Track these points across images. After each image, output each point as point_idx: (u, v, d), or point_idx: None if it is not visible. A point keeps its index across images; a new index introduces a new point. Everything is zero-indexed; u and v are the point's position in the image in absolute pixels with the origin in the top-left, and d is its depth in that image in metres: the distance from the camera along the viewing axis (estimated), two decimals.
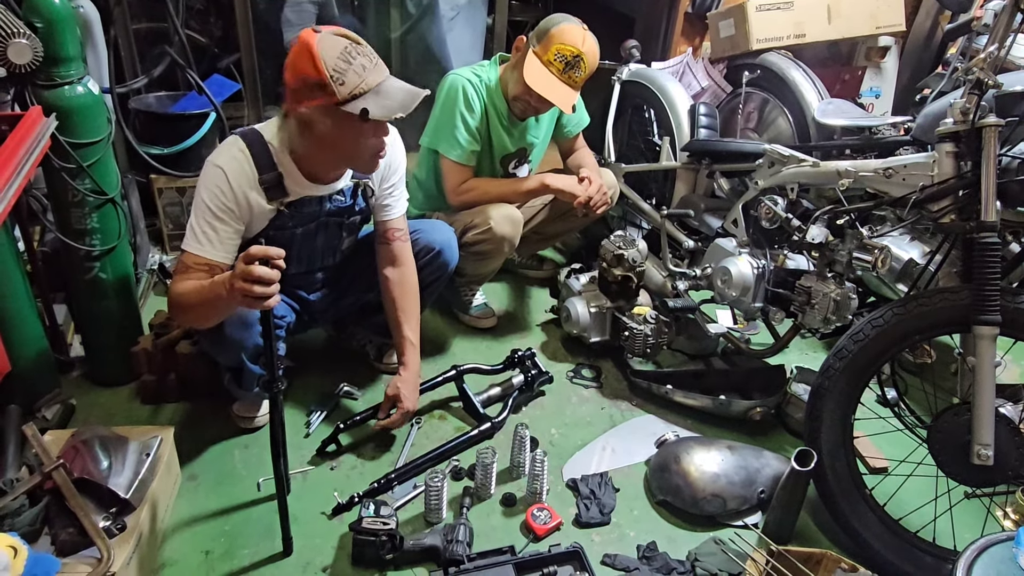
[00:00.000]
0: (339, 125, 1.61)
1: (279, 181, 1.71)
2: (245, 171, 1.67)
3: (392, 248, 1.99)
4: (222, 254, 1.67)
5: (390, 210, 1.97)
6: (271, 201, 1.71)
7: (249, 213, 1.70)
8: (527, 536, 1.79)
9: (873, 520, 1.74)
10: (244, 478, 1.88)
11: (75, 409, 2.03)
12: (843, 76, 3.35)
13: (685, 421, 2.22)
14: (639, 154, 3.05)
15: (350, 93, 1.55)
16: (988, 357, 1.54)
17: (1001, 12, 1.61)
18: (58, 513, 1.50)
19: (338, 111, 1.57)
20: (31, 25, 1.68)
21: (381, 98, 1.58)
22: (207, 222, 1.65)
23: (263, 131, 1.72)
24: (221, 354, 1.85)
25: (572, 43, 2.19)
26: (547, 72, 2.22)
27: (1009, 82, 1.75)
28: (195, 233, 1.66)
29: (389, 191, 1.95)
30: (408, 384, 1.99)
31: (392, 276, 2.00)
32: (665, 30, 3.41)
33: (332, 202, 1.84)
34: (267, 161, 1.69)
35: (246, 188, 1.67)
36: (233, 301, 1.44)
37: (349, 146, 1.67)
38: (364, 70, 1.57)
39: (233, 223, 1.67)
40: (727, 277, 2.19)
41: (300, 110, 1.60)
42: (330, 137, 1.64)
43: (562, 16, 2.25)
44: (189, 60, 2.61)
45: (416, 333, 2.04)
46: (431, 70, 3.34)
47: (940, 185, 1.70)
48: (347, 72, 1.54)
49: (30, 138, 1.61)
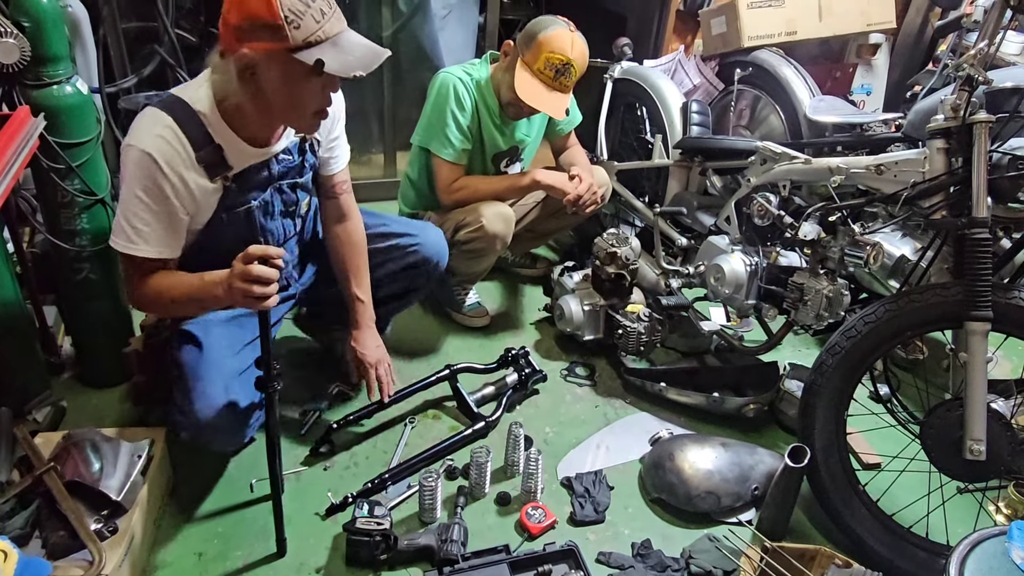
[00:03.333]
0: (286, 75, 1.42)
1: (219, 155, 1.52)
2: (178, 151, 1.47)
3: (339, 202, 1.89)
4: (163, 249, 1.52)
5: (335, 163, 1.84)
6: (213, 179, 1.53)
7: (191, 199, 1.52)
8: (522, 535, 1.79)
9: (867, 516, 1.75)
10: (237, 479, 1.87)
11: (66, 411, 2.01)
12: (834, 73, 3.36)
13: (679, 418, 2.22)
14: (631, 152, 3.05)
15: (304, 40, 1.37)
16: (980, 353, 1.55)
17: (991, 8, 1.62)
18: (49, 516, 1.49)
19: (288, 59, 1.38)
20: (18, 24, 1.66)
21: (339, 51, 1.41)
22: (139, 216, 1.47)
23: (187, 99, 1.50)
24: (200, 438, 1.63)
25: (561, 51, 2.18)
26: (537, 83, 2.21)
27: (999, 78, 1.77)
28: (126, 231, 1.48)
29: (332, 146, 1.81)
30: (364, 341, 1.94)
31: (340, 233, 1.90)
32: (657, 28, 3.41)
33: (280, 163, 1.66)
34: (201, 134, 1.49)
35: (182, 170, 1.48)
36: (230, 301, 1.42)
37: (292, 101, 1.47)
38: (323, 16, 1.39)
39: (171, 214, 1.50)
40: (720, 274, 2.19)
41: (243, 51, 1.39)
42: (272, 88, 1.44)
43: (549, 19, 2.22)
44: (179, 59, 2.59)
45: (366, 291, 1.94)
46: (423, 68, 3.33)
47: (931, 181, 1.71)
48: (304, 15, 1.36)
49: (18, 138, 1.59)
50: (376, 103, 3.26)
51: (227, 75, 1.45)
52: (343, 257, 1.92)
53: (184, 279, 1.53)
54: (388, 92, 3.30)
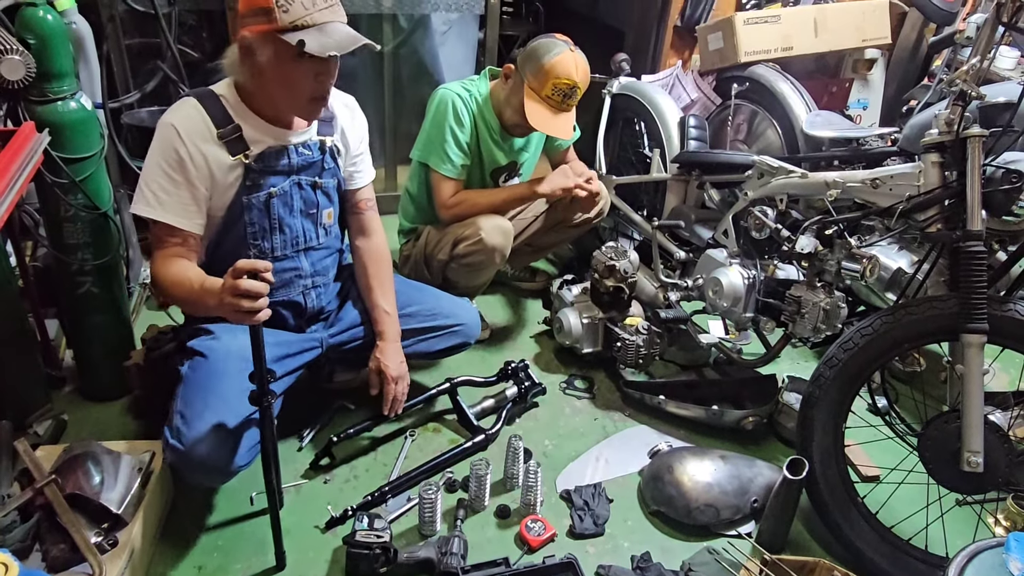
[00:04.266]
0: (277, 56, 1.56)
1: (238, 132, 1.65)
2: (199, 127, 1.62)
3: (363, 218, 1.99)
4: (181, 219, 1.63)
5: (359, 177, 1.96)
6: (234, 155, 1.65)
7: (209, 174, 1.64)
8: (521, 548, 1.79)
9: (865, 528, 1.75)
10: (237, 492, 1.87)
11: (67, 424, 2.02)
12: (831, 88, 3.39)
13: (678, 431, 2.22)
14: (630, 166, 3.07)
15: (291, 22, 1.51)
16: (976, 365, 1.56)
17: (983, 25, 1.63)
18: (49, 529, 1.49)
19: (277, 40, 1.53)
20: (24, 42, 1.69)
21: (322, 35, 1.54)
22: (159, 183, 1.61)
23: (214, 88, 1.68)
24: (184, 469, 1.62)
25: (567, 75, 2.21)
26: (546, 108, 2.24)
27: (992, 93, 1.79)
28: (144, 195, 1.61)
29: (356, 160, 1.93)
30: (388, 353, 1.96)
31: (363, 246, 1.99)
32: (655, 43, 3.44)
33: (299, 155, 1.76)
34: (222, 114, 1.64)
35: (201, 143, 1.62)
36: (222, 314, 1.44)
37: (285, 82, 1.60)
38: (314, 5, 1.53)
39: (190, 184, 1.62)
40: (718, 287, 2.21)
41: (244, 34, 1.56)
42: (268, 69, 1.58)
43: (551, 43, 2.24)
44: (182, 75, 2.62)
45: (391, 303, 1.99)
46: (423, 83, 3.36)
47: (926, 195, 1.73)
48: (295, 2, 1.51)
49: (23, 153, 1.60)
50: (377, 117, 3.28)
51: (234, 58, 1.63)
52: (366, 267, 1.98)
53: (189, 279, 1.58)
54: (389, 107, 3.34)
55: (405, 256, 2.55)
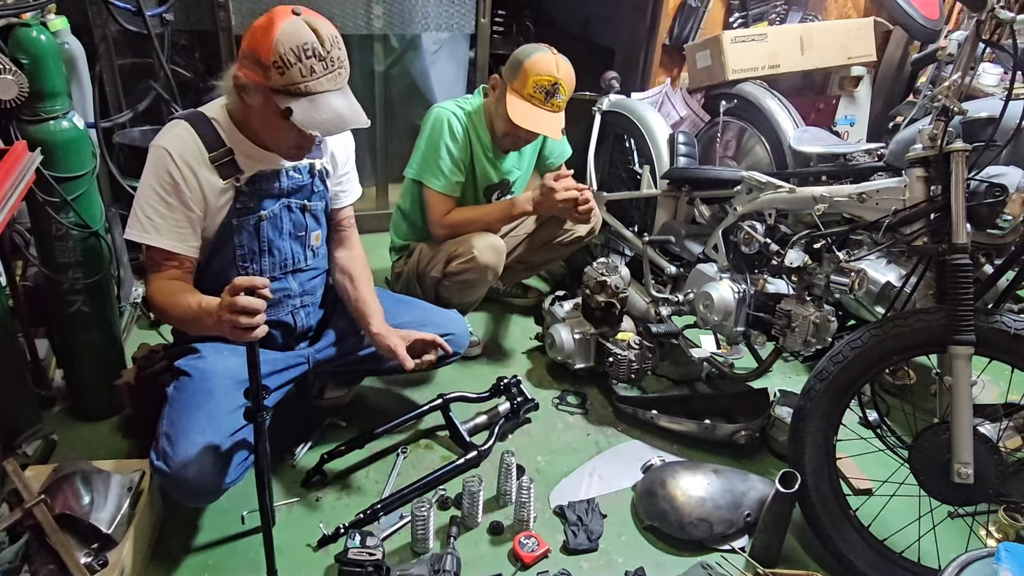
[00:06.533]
0: (265, 107, 1.58)
1: (230, 155, 1.67)
2: (192, 149, 1.63)
3: (344, 234, 2.02)
4: (177, 243, 1.64)
5: (344, 196, 1.98)
6: (226, 179, 1.66)
7: (202, 197, 1.65)
8: (515, 564, 1.78)
9: (858, 541, 1.75)
10: (228, 511, 1.85)
11: (57, 444, 2.01)
12: (818, 105, 3.43)
13: (671, 446, 2.22)
14: (620, 183, 3.09)
15: (283, 86, 1.52)
16: (964, 376, 1.57)
17: (964, 42, 1.67)
18: (39, 549, 1.47)
19: (267, 94, 1.55)
20: (17, 61, 1.70)
21: (312, 108, 1.54)
22: (153, 207, 1.61)
23: (206, 111, 1.69)
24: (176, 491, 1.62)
25: (547, 72, 2.23)
26: (530, 106, 2.26)
27: (975, 108, 1.81)
28: (139, 219, 1.62)
29: (342, 180, 1.95)
30: (384, 329, 1.92)
31: (342, 255, 2.01)
32: (644, 61, 3.48)
33: (290, 179, 1.78)
34: (214, 138, 1.66)
35: (195, 166, 1.63)
36: (220, 332, 1.44)
37: (270, 130, 1.64)
38: (312, 74, 1.53)
39: (184, 207, 1.63)
40: (709, 302, 2.22)
41: (238, 73, 1.58)
42: (256, 112, 1.61)
43: (530, 47, 2.29)
44: (174, 95, 2.63)
45: (374, 296, 1.98)
46: (415, 103, 3.38)
47: (912, 209, 1.75)
48: (292, 67, 1.51)
49: (15, 173, 1.61)
50: (368, 136, 3.30)
51: (229, 86, 1.64)
52: (348, 271, 1.99)
53: (186, 300, 1.58)
54: (380, 126, 3.35)
55: (397, 273, 2.55)
